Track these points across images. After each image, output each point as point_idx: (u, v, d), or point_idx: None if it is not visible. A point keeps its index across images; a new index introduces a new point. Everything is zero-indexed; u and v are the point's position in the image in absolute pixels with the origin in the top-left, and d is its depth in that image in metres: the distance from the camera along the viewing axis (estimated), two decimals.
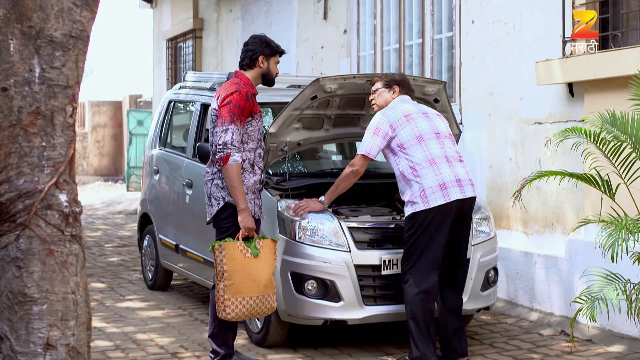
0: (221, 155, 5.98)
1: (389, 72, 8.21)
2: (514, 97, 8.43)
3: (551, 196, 7.97)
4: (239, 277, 5.98)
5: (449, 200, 6.26)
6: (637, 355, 6.71)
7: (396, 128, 6.37)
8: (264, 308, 6.12)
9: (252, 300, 6.03)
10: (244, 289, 5.99)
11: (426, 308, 6.28)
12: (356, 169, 6.49)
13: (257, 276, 6.03)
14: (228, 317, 6.01)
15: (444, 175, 6.29)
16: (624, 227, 5.51)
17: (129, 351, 6.92)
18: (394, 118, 6.41)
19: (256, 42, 6.32)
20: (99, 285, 9.73)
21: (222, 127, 6.02)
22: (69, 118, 4.38)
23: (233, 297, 5.98)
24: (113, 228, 15.55)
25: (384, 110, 6.52)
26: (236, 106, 6.03)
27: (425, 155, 6.31)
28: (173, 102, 9.37)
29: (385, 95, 6.62)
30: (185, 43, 17.70)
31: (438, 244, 6.29)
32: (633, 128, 5.91)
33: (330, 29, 11.83)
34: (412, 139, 6.35)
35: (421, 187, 6.24)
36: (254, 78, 6.30)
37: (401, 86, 6.64)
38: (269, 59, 6.30)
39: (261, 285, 6.05)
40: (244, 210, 6.03)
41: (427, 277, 6.27)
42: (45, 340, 4.30)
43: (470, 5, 9.07)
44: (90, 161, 27.37)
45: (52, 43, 4.32)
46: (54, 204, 4.34)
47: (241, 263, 5.99)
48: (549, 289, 7.95)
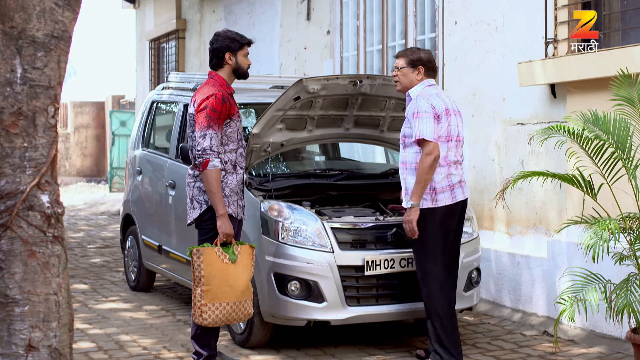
0: (200, 160, 5.97)
1: (413, 47, 7.72)
2: (496, 98, 8.45)
3: (534, 197, 7.99)
4: (216, 282, 5.97)
5: (455, 200, 6.35)
6: (619, 355, 6.74)
7: (441, 120, 6.31)
8: (240, 314, 6.10)
9: (229, 306, 6.02)
10: (221, 295, 5.98)
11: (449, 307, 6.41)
12: (437, 154, 6.19)
13: (235, 282, 6.02)
14: (205, 322, 6.00)
15: (453, 177, 6.35)
16: (606, 228, 5.53)
17: (111, 352, 6.89)
18: (440, 109, 6.29)
19: (219, 40, 6.22)
20: (81, 287, 9.70)
21: (200, 132, 5.99)
22: (51, 119, 4.36)
23: (210, 302, 5.97)
24: (96, 229, 15.50)
25: (427, 98, 6.32)
26: (213, 110, 6.00)
27: (446, 156, 6.32)
28: (156, 103, 9.35)
29: (411, 76, 6.44)
30: (168, 44, 17.67)
31: (449, 242, 6.40)
32: (615, 128, 5.94)
33: (313, 30, 11.83)
34: (444, 136, 6.32)
35: (432, 185, 6.27)
36: (228, 76, 6.24)
37: (426, 67, 6.46)
38: (236, 53, 6.21)
39: (238, 291, 6.04)
40: (223, 216, 6.01)
41: (444, 274, 6.37)
42: (27, 341, 4.28)
43: (453, 7, 9.09)
44: (73, 162, 27.29)
45: (34, 43, 4.30)
46: (35, 205, 4.32)
47: (219, 269, 5.98)
48: (531, 290, 7.97)
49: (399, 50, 6.81)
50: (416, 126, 6.22)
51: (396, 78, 6.52)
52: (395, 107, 7.42)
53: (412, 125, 6.27)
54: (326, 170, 8.02)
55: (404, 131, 6.40)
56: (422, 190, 6.20)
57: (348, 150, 9.11)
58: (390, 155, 8.56)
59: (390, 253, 6.74)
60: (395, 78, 6.54)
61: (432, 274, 6.33)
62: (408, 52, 6.55)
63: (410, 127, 6.31)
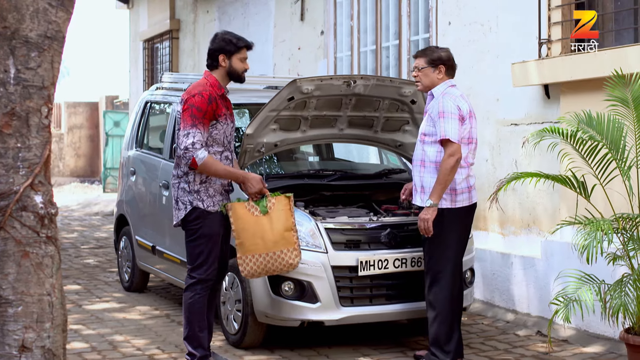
0: (187, 160, 5.97)
1: (431, 46, 7.81)
2: (490, 98, 8.46)
3: (527, 197, 8.00)
4: (245, 235, 6.13)
5: (472, 202, 6.39)
6: (613, 355, 6.75)
7: (465, 121, 6.28)
8: (279, 265, 6.24)
9: (262, 258, 6.18)
10: (252, 247, 6.15)
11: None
12: (459, 155, 6.18)
13: (265, 234, 6.15)
14: (243, 274, 6.19)
15: (471, 179, 6.38)
16: (599, 229, 5.54)
17: (105, 353, 6.88)
18: (465, 111, 6.27)
19: (216, 41, 6.22)
20: (75, 287, 9.68)
21: (183, 131, 5.98)
22: (44, 119, 4.36)
23: (244, 255, 6.15)
24: (89, 229, 15.48)
25: (453, 99, 6.27)
26: (197, 109, 5.99)
27: (466, 157, 6.32)
28: (150, 103, 9.35)
29: (432, 76, 6.39)
30: (162, 44, 17.65)
31: (464, 242, 6.47)
32: (609, 128, 5.95)
33: (307, 30, 11.83)
34: (466, 138, 6.30)
35: (453, 186, 6.27)
36: (221, 78, 6.22)
37: (447, 66, 6.41)
38: (230, 56, 6.18)
39: (270, 242, 6.17)
40: (244, 179, 6.17)
41: (456, 275, 6.42)
42: (20, 342, 4.27)
43: (447, 7, 9.10)
44: (67, 162, 27.25)
45: (27, 44, 4.30)
46: (29, 206, 4.31)
47: (248, 222, 6.12)
48: (525, 290, 7.98)
49: (418, 50, 6.77)
50: (441, 126, 6.19)
51: (417, 78, 6.48)
52: (389, 107, 7.42)
53: (436, 124, 6.25)
54: (320, 170, 8.02)
55: (425, 129, 6.36)
56: (443, 190, 6.20)
57: (342, 151, 9.11)
58: (384, 155, 8.57)
59: (384, 253, 6.74)
60: (416, 78, 6.50)
61: (444, 274, 6.33)
62: (428, 51, 6.51)
63: (433, 125, 6.27)
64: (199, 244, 6.17)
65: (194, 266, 6.21)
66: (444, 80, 6.40)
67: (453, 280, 6.36)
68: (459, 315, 6.45)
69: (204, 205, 6.12)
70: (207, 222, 6.15)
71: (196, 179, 6.12)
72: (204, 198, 6.13)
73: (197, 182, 6.12)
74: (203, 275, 6.19)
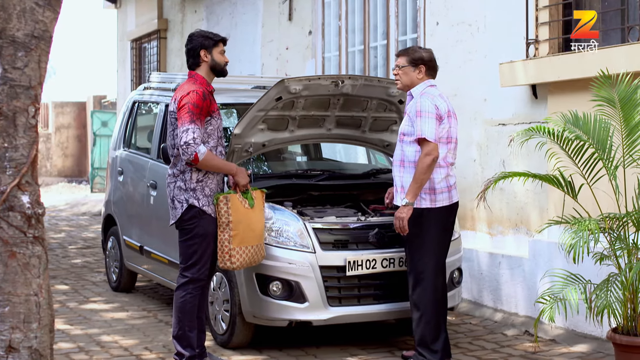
0: (188, 156, 5.98)
1: (414, 45, 8.03)
2: (478, 98, 8.47)
3: (515, 197, 8.01)
4: (241, 227, 6.20)
5: (452, 202, 6.39)
6: (600, 355, 6.77)
7: (443, 121, 6.30)
8: (259, 257, 6.39)
9: (252, 249, 6.30)
10: (247, 239, 6.24)
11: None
12: (436, 155, 6.18)
13: (255, 225, 6.29)
14: (233, 265, 6.23)
15: (451, 178, 6.38)
16: (586, 228, 5.56)
17: (92, 353, 6.87)
18: (443, 110, 6.29)
19: (193, 39, 6.38)
20: (62, 287, 9.66)
21: (182, 127, 6.02)
22: (31, 119, 4.35)
23: (238, 246, 6.21)
24: (77, 229, 15.45)
25: (431, 98, 6.29)
26: (194, 106, 6.05)
27: (445, 157, 6.32)
28: (137, 103, 9.33)
29: (412, 75, 6.42)
30: (149, 44, 17.63)
31: (446, 242, 6.48)
32: (595, 128, 5.97)
33: (295, 30, 11.83)
34: (444, 137, 6.32)
35: (432, 185, 6.28)
36: (207, 74, 6.34)
37: (427, 66, 6.43)
38: (211, 50, 6.33)
39: (258, 234, 6.33)
40: (237, 172, 6.25)
41: (438, 275, 6.42)
42: (7, 342, 4.26)
43: (434, 7, 9.11)
44: (54, 162, 27.19)
45: (14, 43, 4.29)
46: (16, 206, 4.31)
47: (243, 214, 6.20)
48: (513, 290, 8.00)
49: (400, 49, 6.82)
50: (418, 125, 6.22)
51: (397, 77, 6.51)
52: (377, 107, 7.42)
53: (414, 124, 6.27)
54: (308, 170, 8.03)
55: (403, 129, 6.38)
56: (419, 189, 6.21)
57: (330, 151, 9.11)
58: (372, 155, 8.57)
59: (372, 253, 6.74)
60: (396, 77, 6.53)
61: (427, 274, 6.33)
62: (410, 50, 6.54)
63: (411, 125, 6.29)
64: (193, 244, 6.20)
65: (187, 265, 6.23)
66: (424, 80, 6.43)
67: (436, 280, 6.36)
68: (444, 315, 6.46)
69: (199, 204, 6.15)
70: (202, 222, 6.18)
71: (193, 177, 6.16)
72: (200, 197, 6.16)
73: (193, 181, 6.16)
74: (196, 274, 6.22)
